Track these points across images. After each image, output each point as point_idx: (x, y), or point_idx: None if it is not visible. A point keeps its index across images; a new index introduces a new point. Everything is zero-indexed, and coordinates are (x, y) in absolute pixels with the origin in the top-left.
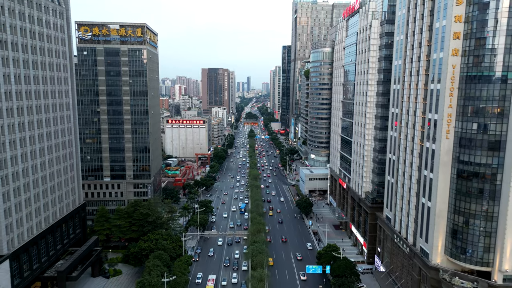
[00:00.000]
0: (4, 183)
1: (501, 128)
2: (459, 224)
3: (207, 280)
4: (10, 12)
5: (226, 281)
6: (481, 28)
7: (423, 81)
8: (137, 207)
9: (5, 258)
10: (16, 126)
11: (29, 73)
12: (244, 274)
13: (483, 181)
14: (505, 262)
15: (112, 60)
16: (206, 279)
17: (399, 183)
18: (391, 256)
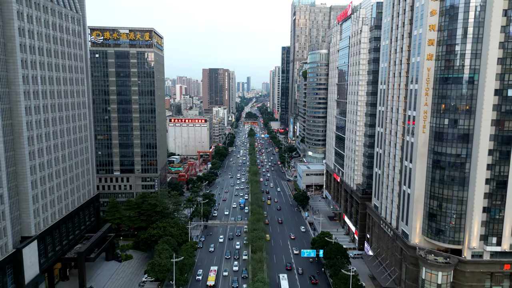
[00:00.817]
0: (32, 172)
1: (469, 123)
2: (434, 207)
3: (209, 271)
4: (37, 21)
5: (228, 271)
6: (451, 36)
7: (404, 82)
8: (146, 199)
9: (33, 239)
10: (42, 122)
11: (52, 74)
12: (245, 263)
13: (454, 169)
14: (473, 240)
15: (122, 62)
16: (208, 271)
17: (384, 174)
18: (378, 240)
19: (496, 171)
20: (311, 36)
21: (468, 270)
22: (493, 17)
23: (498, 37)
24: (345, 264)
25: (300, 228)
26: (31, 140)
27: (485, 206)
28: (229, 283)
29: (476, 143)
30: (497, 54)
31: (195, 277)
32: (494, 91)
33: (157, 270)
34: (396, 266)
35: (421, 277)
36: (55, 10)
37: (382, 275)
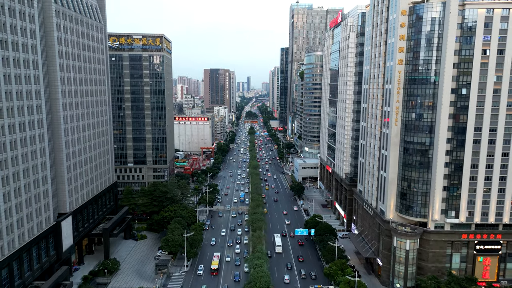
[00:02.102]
0: (67, 158)
1: (432, 117)
2: (405, 188)
3: (212, 256)
4: (70, 31)
5: (230, 257)
6: (417, 45)
7: (381, 83)
8: (157, 187)
9: (68, 214)
10: (74, 116)
11: (81, 76)
12: (246, 247)
13: (420, 155)
14: (435, 214)
15: (135, 65)
16: (212, 256)
17: (367, 162)
18: (362, 220)
19: (453, 156)
20: (309, 38)
21: (432, 239)
22: (450, 29)
23: (453, 46)
24: (332, 239)
25: (293, 208)
26: (66, 131)
27: (445, 186)
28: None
29: (437, 133)
30: (453, 60)
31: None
32: (451, 90)
33: (171, 244)
34: (375, 240)
35: (393, 245)
36: (83, 21)
37: (364, 248)
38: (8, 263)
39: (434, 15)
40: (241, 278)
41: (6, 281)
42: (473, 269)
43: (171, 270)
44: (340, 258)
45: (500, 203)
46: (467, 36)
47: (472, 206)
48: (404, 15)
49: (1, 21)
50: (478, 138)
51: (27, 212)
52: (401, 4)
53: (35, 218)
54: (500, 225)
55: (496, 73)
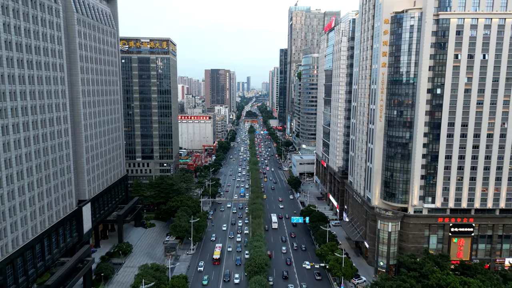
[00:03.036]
0: (86, 151)
1: (411, 114)
2: (388, 177)
3: (214, 247)
4: (89, 37)
5: (231, 247)
6: (398, 50)
7: (368, 83)
8: (164, 180)
9: (88, 201)
10: (92, 114)
11: (98, 77)
12: (246, 237)
13: (401, 148)
14: (414, 200)
15: (143, 66)
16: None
17: (356, 155)
18: (352, 209)
19: (429, 148)
20: (307, 40)
21: (411, 222)
22: (426, 36)
23: (429, 51)
24: (324, 225)
25: (289, 197)
26: (85, 127)
27: (422, 174)
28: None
29: (416, 128)
30: (428, 63)
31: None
32: (427, 90)
33: (178, 230)
34: (363, 225)
35: (378, 228)
36: (99, 27)
37: (353, 233)
38: (40, 240)
39: (412, 23)
40: (242, 262)
41: (39, 255)
42: (449, 249)
43: (179, 253)
44: (331, 241)
45: (472, 190)
46: (441, 42)
47: (446, 193)
48: (387, 23)
49: (35, 30)
50: (451, 132)
51: (55, 196)
52: (384, 13)
53: (61, 203)
54: (472, 210)
55: (467, 74)
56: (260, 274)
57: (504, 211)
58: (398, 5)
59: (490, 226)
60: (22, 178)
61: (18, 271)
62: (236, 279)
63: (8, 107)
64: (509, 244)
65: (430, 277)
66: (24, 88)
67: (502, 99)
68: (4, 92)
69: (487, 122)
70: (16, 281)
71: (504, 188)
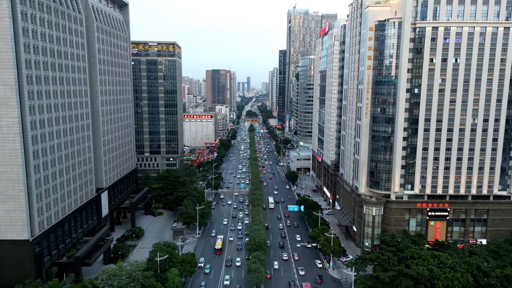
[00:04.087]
0: (104, 144)
1: (392, 111)
2: (373, 167)
3: (216, 238)
4: (107, 42)
5: (233, 238)
6: (381, 54)
7: (356, 84)
8: (170, 173)
9: (105, 189)
10: (108, 111)
11: (113, 79)
12: (247, 226)
13: (384, 141)
14: (396, 187)
15: (151, 68)
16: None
17: (346, 149)
18: (342, 198)
19: (409, 141)
20: (305, 41)
21: (393, 207)
22: (405, 43)
23: (407, 55)
24: (317, 212)
25: (286, 187)
26: (103, 123)
27: (403, 165)
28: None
29: (397, 124)
30: (407, 66)
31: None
32: (406, 89)
33: (185, 216)
34: (351, 211)
35: (363, 212)
36: (114, 33)
37: (343, 219)
38: (68, 220)
39: (393, 31)
40: (243, 247)
41: (67, 233)
42: (426, 231)
43: (186, 237)
44: (323, 226)
45: (446, 179)
46: (418, 48)
47: (424, 181)
48: (372, 31)
49: (64, 37)
50: (427, 127)
51: (79, 183)
52: (369, 21)
53: (83, 189)
54: (447, 196)
55: (441, 76)
56: (259, 251)
57: (475, 197)
58: (381, 14)
59: (463, 211)
60: (54, 166)
61: (51, 244)
62: (237, 262)
63: (44, 104)
64: (480, 227)
65: (405, 251)
66: (56, 88)
67: (472, 97)
68: (41, 91)
69: (459, 118)
70: (50, 253)
71: (475, 177)
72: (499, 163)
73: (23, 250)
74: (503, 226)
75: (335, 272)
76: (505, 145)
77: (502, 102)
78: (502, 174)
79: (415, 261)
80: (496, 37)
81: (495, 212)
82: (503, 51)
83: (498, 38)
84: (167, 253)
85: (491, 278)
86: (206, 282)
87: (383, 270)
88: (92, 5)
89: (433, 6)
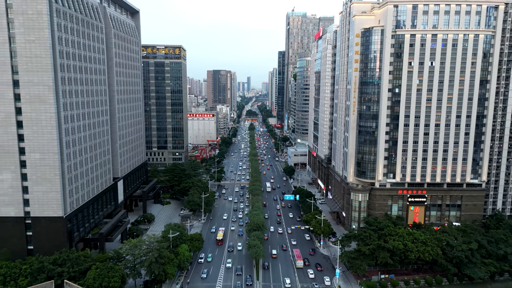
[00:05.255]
0: (119, 139)
1: (376, 108)
2: (359, 159)
3: (218, 230)
4: (122, 47)
5: (234, 227)
6: (366, 58)
7: (345, 84)
8: (177, 166)
9: (121, 178)
10: (122, 108)
11: (126, 79)
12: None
13: (369, 135)
14: (379, 176)
15: (159, 69)
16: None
17: (337, 143)
18: (334, 188)
19: (391, 135)
20: (303, 43)
21: (377, 194)
22: (386, 48)
23: (389, 59)
24: (310, 199)
25: (283, 179)
26: (119, 119)
27: (385, 156)
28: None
29: (380, 120)
30: (389, 69)
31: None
32: (388, 89)
33: (191, 204)
34: (341, 198)
35: (351, 199)
36: (127, 38)
37: (334, 206)
38: (92, 203)
39: (376, 38)
40: (244, 233)
41: (91, 214)
42: (407, 216)
43: (192, 222)
44: (315, 211)
45: (424, 168)
46: (398, 53)
47: (404, 170)
48: (358, 37)
49: (89, 44)
50: (407, 122)
51: (100, 171)
52: (355, 29)
53: (103, 177)
54: (425, 183)
55: (418, 77)
56: (258, 231)
57: (450, 184)
58: (367, 22)
59: (440, 197)
60: (81, 155)
61: (79, 222)
62: (239, 246)
63: (73, 102)
64: (455, 212)
65: (384, 229)
66: (82, 88)
67: (446, 96)
68: (71, 90)
69: (435, 115)
70: (78, 229)
71: (449, 167)
72: (471, 154)
73: (57, 226)
74: (475, 211)
75: (324, 250)
76: (476, 139)
77: (473, 100)
78: (474, 164)
79: (393, 238)
80: (467, 43)
81: (468, 198)
82: (473, 55)
83: (469, 44)
84: (178, 231)
85: (457, 252)
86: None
87: (365, 245)
88: (110, 14)
89: (411, 16)
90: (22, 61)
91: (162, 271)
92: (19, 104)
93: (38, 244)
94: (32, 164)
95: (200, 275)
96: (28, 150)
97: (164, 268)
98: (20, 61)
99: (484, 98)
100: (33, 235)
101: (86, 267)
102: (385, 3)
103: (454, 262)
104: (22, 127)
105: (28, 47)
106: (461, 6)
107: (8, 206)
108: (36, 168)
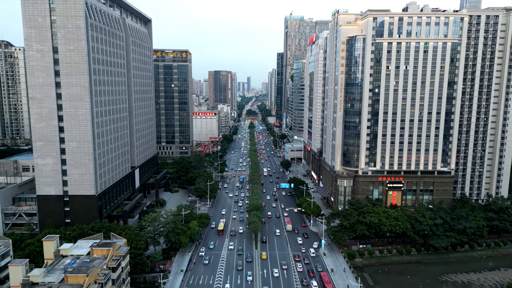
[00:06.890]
0: (136, 132)
1: (359, 106)
2: (345, 150)
3: (219, 221)
4: (138, 52)
5: (236, 216)
6: (350, 62)
7: (333, 85)
8: (184, 159)
9: (137, 167)
10: (138, 106)
11: (141, 81)
12: (246, 206)
13: (353, 130)
14: (362, 165)
15: (167, 71)
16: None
17: (327, 137)
18: (325, 177)
19: (371, 129)
20: (300, 46)
21: (361, 180)
22: (367, 54)
23: (369, 63)
24: (303, 186)
25: (280, 170)
26: (135, 115)
27: (367, 147)
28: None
29: (362, 116)
30: (369, 72)
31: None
32: (369, 89)
33: (198, 191)
34: (330, 185)
35: (337, 184)
36: (142, 45)
37: (324, 192)
38: (115, 186)
39: (359, 45)
40: (244, 219)
41: (115, 195)
42: (386, 199)
43: (199, 206)
44: (307, 196)
45: (400, 158)
46: (377, 58)
47: (383, 160)
48: (344, 44)
49: (113, 51)
50: (385, 118)
51: (121, 160)
52: (341, 37)
53: (124, 165)
54: (401, 171)
55: (395, 79)
56: (256, 211)
57: (423, 172)
58: (351, 31)
59: (414, 183)
60: (107, 145)
61: (107, 201)
62: (240, 229)
63: (102, 100)
64: (428, 196)
65: (363, 208)
66: (108, 88)
67: (419, 96)
68: (100, 90)
69: (409, 111)
70: (106, 207)
71: (422, 157)
72: (441, 146)
73: (90, 202)
74: (445, 195)
75: (314, 228)
76: (445, 132)
77: (442, 99)
78: (443, 155)
79: (370, 215)
80: (436, 50)
81: (439, 184)
82: (442, 60)
83: (438, 50)
84: (189, 210)
85: (424, 226)
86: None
87: (346, 220)
88: (128, 24)
89: (388, 27)
90: (63, 67)
91: (177, 240)
92: (60, 102)
93: (74, 218)
94: (70, 151)
95: (208, 246)
96: (67, 140)
97: (179, 238)
98: (62, 67)
99: (452, 97)
100: (70, 210)
101: (118, 232)
102: (366, 15)
103: (421, 235)
104: (63, 121)
105: (68, 55)
106: (431, 18)
107: (50, 186)
108: (74, 154)
